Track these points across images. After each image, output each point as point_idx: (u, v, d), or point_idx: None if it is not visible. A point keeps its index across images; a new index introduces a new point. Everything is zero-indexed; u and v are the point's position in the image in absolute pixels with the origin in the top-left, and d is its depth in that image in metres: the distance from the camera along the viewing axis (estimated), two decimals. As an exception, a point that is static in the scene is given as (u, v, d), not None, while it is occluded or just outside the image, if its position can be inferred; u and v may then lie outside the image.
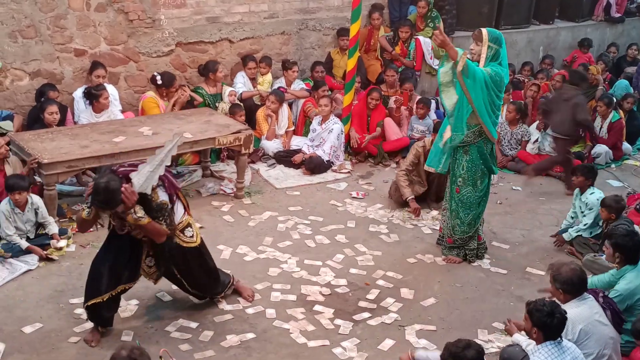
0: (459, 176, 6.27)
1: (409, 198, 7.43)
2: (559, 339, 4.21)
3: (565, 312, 4.24)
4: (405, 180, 7.50)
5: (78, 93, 8.05)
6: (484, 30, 5.96)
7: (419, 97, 9.70)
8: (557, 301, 4.51)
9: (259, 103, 9.09)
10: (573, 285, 4.63)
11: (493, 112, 6.03)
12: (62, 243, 6.35)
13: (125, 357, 3.65)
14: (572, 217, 7.05)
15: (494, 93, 5.93)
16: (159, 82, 8.19)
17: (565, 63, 11.94)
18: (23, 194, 6.20)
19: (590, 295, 4.73)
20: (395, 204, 7.64)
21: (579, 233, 6.75)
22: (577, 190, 7.04)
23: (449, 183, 6.42)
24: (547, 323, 4.16)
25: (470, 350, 4.00)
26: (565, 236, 6.86)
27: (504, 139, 9.07)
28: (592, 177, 6.97)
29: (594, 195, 6.78)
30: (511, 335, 4.78)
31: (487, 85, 5.87)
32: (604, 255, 5.77)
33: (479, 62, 5.97)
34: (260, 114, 8.92)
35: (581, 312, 4.57)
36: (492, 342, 5.32)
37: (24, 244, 6.19)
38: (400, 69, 10.03)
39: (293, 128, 9.15)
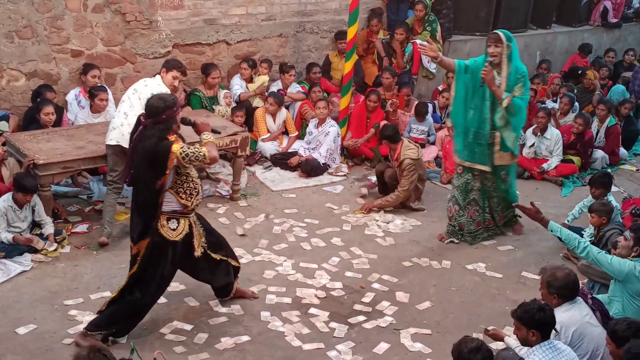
0: (503, 168, 6.88)
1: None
2: (550, 337, 4.21)
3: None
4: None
5: (70, 96, 8.04)
6: (501, 33, 6.40)
7: (416, 101, 9.71)
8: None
9: (255, 106, 9.09)
10: (569, 290, 4.63)
11: None
12: (53, 247, 6.30)
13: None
14: (573, 214, 7.18)
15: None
16: None
17: (562, 73, 11.97)
18: (34, 195, 6.23)
19: (580, 298, 4.74)
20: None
21: (592, 238, 6.73)
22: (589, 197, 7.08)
23: (495, 178, 6.87)
24: (542, 318, 4.15)
25: (478, 355, 3.92)
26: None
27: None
28: (609, 186, 7.01)
29: (612, 203, 6.78)
30: (500, 340, 4.77)
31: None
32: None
33: (500, 62, 6.42)
34: (258, 113, 8.91)
35: (572, 315, 4.58)
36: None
37: (8, 236, 6.15)
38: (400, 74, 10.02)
39: (296, 133, 9.12)
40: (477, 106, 6.58)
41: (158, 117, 4.78)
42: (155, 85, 6.32)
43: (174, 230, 4.94)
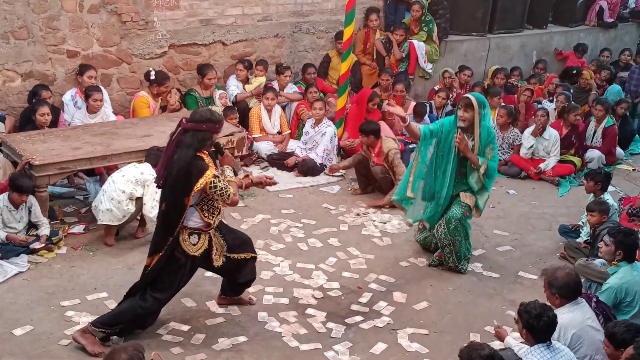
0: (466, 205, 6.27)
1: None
2: (549, 342, 4.20)
3: (555, 316, 4.23)
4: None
5: (67, 96, 8.04)
6: (473, 99, 6.02)
7: (413, 102, 9.71)
8: (550, 305, 4.50)
9: (251, 107, 9.08)
10: (570, 290, 4.62)
11: None
12: (37, 245, 6.22)
13: None
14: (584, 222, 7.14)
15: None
16: (152, 77, 8.16)
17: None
18: (29, 195, 6.21)
19: (583, 300, 4.73)
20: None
21: (588, 237, 6.74)
22: (590, 196, 7.06)
23: (453, 204, 6.29)
24: (534, 325, 4.16)
25: None
26: (579, 240, 6.86)
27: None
28: (601, 181, 6.97)
29: (609, 201, 6.79)
30: (501, 340, 4.77)
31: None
32: (596, 260, 5.79)
33: (469, 125, 6.06)
34: (253, 112, 8.91)
35: (573, 317, 4.57)
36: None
37: (1, 234, 6.14)
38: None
39: (289, 132, 9.13)
40: (445, 170, 6.22)
41: (199, 124, 4.74)
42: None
43: (194, 245, 4.96)
